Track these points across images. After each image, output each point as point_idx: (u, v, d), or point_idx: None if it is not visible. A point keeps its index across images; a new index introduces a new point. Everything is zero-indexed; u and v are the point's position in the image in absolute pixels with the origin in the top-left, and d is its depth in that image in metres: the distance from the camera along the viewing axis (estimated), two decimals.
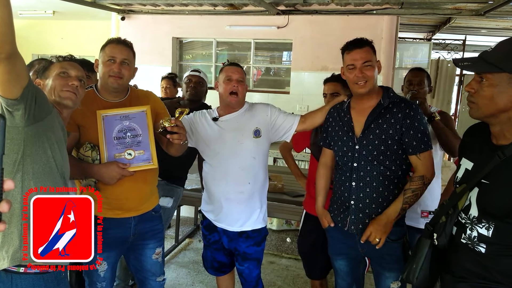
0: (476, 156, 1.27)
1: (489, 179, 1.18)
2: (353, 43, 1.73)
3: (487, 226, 1.19)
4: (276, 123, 2.05)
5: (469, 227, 1.24)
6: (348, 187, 1.76)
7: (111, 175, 1.69)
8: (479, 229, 1.21)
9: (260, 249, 2.13)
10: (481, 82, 1.15)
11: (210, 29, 5.60)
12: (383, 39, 4.94)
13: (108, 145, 1.73)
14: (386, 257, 1.77)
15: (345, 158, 1.78)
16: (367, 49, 1.72)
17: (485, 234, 1.20)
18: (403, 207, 1.68)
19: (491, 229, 1.18)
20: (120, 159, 1.73)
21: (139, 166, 1.76)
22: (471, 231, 1.23)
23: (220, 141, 2.02)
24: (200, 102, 2.80)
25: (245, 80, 2.05)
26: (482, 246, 1.21)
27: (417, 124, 1.68)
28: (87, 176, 1.70)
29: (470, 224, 1.24)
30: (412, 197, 1.67)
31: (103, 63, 1.76)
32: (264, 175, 2.10)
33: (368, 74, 1.69)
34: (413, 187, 1.68)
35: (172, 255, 3.63)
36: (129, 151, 1.75)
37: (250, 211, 2.04)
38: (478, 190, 1.21)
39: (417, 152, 1.68)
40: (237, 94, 1.98)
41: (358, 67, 1.69)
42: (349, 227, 1.77)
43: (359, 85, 1.71)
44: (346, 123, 1.80)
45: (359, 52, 1.70)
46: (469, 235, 1.24)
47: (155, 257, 1.97)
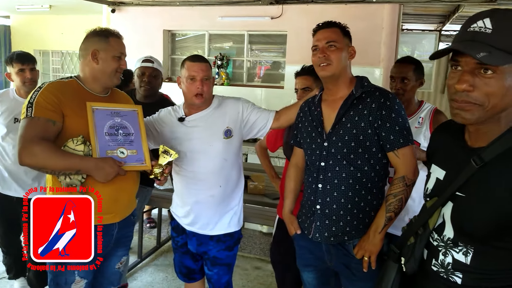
0: (448, 163, 1.01)
1: (465, 191, 0.92)
2: (321, 25, 1.56)
3: (465, 250, 0.93)
4: (249, 120, 1.89)
5: (442, 251, 0.98)
6: (314, 190, 1.56)
7: (108, 171, 1.53)
8: (455, 254, 0.95)
9: (232, 253, 1.97)
10: (483, 74, 0.86)
11: (202, 20, 5.41)
12: (383, 29, 4.64)
13: (100, 140, 1.58)
14: (356, 273, 1.53)
15: (313, 157, 1.58)
16: (335, 30, 1.54)
17: (462, 260, 0.94)
18: (388, 216, 1.45)
19: (470, 255, 0.92)
20: (113, 156, 1.60)
21: (133, 166, 1.65)
22: (445, 256, 0.97)
23: (188, 143, 1.86)
24: (156, 96, 2.58)
25: (210, 76, 1.85)
26: (458, 275, 0.95)
27: (395, 115, 1.45)
28: (80, 171, 1.51)
29: (444, 247, 0.98)
30: (395, 203, 1.44)
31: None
32: (237, 176, 1.94)
33: (331, 56, 1.50)
34: (394, 192, 1.45)
35: (152, 258, 3.45)
36: (122, 149, 1.63)
37: (221, 214, 1.90)
38: (452, 205, 0.95)
39: (395, 148, 1.45)
40: (202, 95, 1.81)
41: (321, 47, 1.53)
42: (313, 234, 1.57)
43: (321, 67, 1.52)
44: (315, 117, 1.60)
45: (324, 32, 1.54)
46: (442, 261, 0.98)
47: (118, 267, 1.82)
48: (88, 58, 1.63)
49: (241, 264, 3.38)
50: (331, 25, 1.55)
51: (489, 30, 0.86)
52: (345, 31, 1.57)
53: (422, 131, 2.00)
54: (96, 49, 1.63)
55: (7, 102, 2.34)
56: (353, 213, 1.50)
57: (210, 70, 1.88)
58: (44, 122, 1.49)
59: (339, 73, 1.52)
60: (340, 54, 1.51)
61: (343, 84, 1.55)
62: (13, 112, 2.31)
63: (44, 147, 1.45)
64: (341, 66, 1.51)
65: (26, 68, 2.32)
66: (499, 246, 0.88)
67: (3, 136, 2.34)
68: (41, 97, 1.52)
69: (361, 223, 1.51)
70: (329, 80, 1.56)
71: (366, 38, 4.52)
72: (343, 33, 1.55)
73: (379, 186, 1.54)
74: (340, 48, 1.52)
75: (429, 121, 2.01)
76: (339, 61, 1.51)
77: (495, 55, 0.83)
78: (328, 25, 1.56)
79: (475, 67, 0.87)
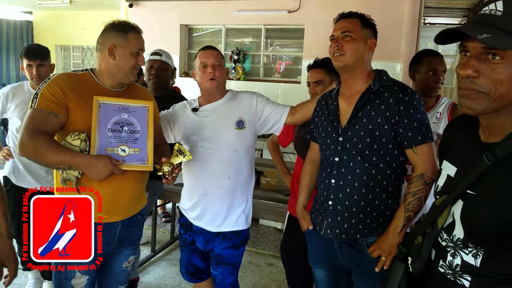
0: (460, 159, 0.94)
1: (476, 190, 0.86)
2: (341, 15, 1.53)
3: (475, 252, 0.87)
4: (263, 114, 1.86)
5: (450, 252, 0.92)
6: (327, 185, 1.52)
7: (101, 170, 1.47)
8: (464, 256, 0.89)
9: (238, 253, 1.92)
10: (491, 60, 0.79)
11: (218, 15, 5.38)
12: (404, 22, 4.50)
13: (101, 137, 1.53)
14: (367, 271, 1.48)
15: (327, 152, 1.54)
16: (354, 20, 1.49)
17: (472, 262, 0.87)
18: (407, 215, 1.39)
19: (480, 257, 0.86)
20: (112, 154, 1.53)
21: (132, 165, 1.56)
22: (453, 257, 0.91)
23: (199, 132, 1.85)
24: (166, 89, 2.55)
25: (222, 64, 1.86)
26: (466, 278, 0.88)
27: (413, 111, 1.39)
28: (72, 166, 1.48)
29: (453, 248, 0.92)
30: (415, 202, 1.38)
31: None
32: (248, 171, 1.90)
33: (344, 46, 1.46)
34: (413, 190, 1.39)
35: (165, 252, 3.46)
36: (123, 147, 1.56)
37: (229, 210, 1.86)
38: (463, 203, 0.89)
39: (413, 145, 1.39)
40: (215, 80, 1.81)
41: (336, 37, 1.50)
42: (325, 231, 1.53)
43: (334, 57, 1.48)
44: (332, 111, 1.56)
45: (341, 23, 1.51)
46: (450, 263, 0.92)
47: (125, 266, 1.79)
48: (105, 53, 1.58)
49: (255, 260, 3.36)
50: (351, 16, 1.51)
51: (499, 12, 0.79)
52: (366, 22, 1.51)
53: (440, 126, 1.93)
54: (114, 44, 1.57)
55: (21, 95, 2.36)
56: (366, 211, 1.45)
57: (222, 58, 1.87)
58: (46, 114, 1.47)
59: (353, 65, 1.46)
60: (354, 45, 1.45)
61: (359, 77, 1.50)
62: (27, 105, 2.33)
63: (39, 140, 1.43)
64: (355, 57, 1.46)
65: (33, 64, 2.31)
66: (510, 248, 0.82)
67: (17, 128, 2.36)
68: (47, 89, 1.50)
69: (374, 222, 1.46)
70: (343, 72, 1.51)
71: (385, 32, 4.38)
72: (364, 24, 1.49)
73: (395, 184, 1.48)
74: (356, 38, 1.46)
75: (447, 115, 1.93)
76: (353, 52, 1.45)
77: (500, 38, 0.77)
78: (348, 15, 1.51)
79: (482, 52, 0.80)
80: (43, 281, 2.64)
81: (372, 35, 1.51)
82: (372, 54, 1.52)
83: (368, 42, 1.49)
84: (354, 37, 1.46)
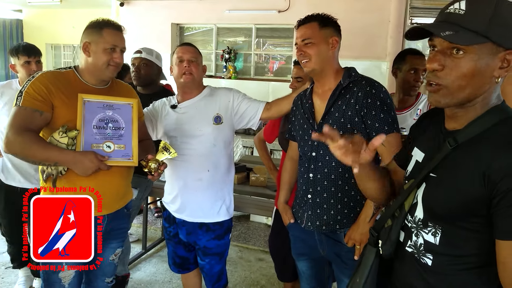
0: (427, 145, 1.01)
1: (437, 172, 0.93)
2: (300, 21, 1.59)
3: (434, 231, 0.93)
4: (240, 109, 1.93)
5: (414, 232, 0.99)
6: (306, 179, 1.59)
7: (87, 165, 1.50)
8: (425, 235, 0.96)
9: (223, 242, 1.98)
10: (455, 54, 0.86)
11: (209, 14, 5.43)
12: (390, 22, 4.59)
13: (86, 133, 1.56)
14: (346, 261, 1.55)
15: (305, 148, 1.61)
16: (311, 25, 1.55)
17: (431, 241, 0.94)
18: (376, 205, 1.44)
19: (438, 235, 0.92)
20: (97, 150, 1.56)
21: (117, 161, 1.60)
22: (417, 237, 0.98)
23: (179, 128, 1.90)
24: (154, 86, 2.58)
25: (198, 60, 1.92)
26: (429, 256, 0.95)
27: (380, 103, 1.46)
28: (57, 163, 1.50)
29: (415, 228, 0.99)
30: None
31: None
32: (227, 165, 1.96)
33: (308, 52, 1.53)
34: None
35: (156, 249, 3.49)
36: (109, 143, 1.59)
37: (210, 202, 1.93)
38: (425, 186, 0.96)
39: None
40: (190, 74, 1.87)
41: (299, 45, 1.57)
42: (306, 223, 1.60)
43: (302, 64, 1.56)
44: (307, 109, 1.63)
45: (301, 30, 1.57)
46: (415, 242, 0.98)
47: (112, 258, 1.82)
48: (82, 50, 1.62)
49: (245, 255, 3.42)
50: (308, 20, 1.56)
51: (462, 11, 0.86)
52: (325, 22, 1.55)
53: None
54: (88, 41, 1.60)
55: (10, 93, 2.31)
56: (344, 202, 1.52)
57: (199, 55, 1.94)
58: (31, 112, 1.48)
59: (320, 67, 1.53)
60: (316, 49, 1.51)
61: (329, 76, 1.56)
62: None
63: (25, 137, 1.44)
64: (320, 60, 1.52)
65: (32, 60, 2.31)
66: (465, 227, 0.89)
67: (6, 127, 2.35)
68: (31, 87, 1.51)
69: (351, 212, 1.53)
70: (313, 74, 1.58)
71: (372, 32, 4.50)
72: (322, 25, 1.54)
73: None
74: (316, 42, 1.52)
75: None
76: (317, 55, 1.51)
77: (461, 35, 0.84)
78: (305, 20, 1.56)
79: (448, 47, 0.87)
80: (33, 278, 2.64)
81: (333, 32, 1.55)
82: (338, 50, 1.57)
83: (329, 41, 1.53)
84: (315, 41, 1.51)
